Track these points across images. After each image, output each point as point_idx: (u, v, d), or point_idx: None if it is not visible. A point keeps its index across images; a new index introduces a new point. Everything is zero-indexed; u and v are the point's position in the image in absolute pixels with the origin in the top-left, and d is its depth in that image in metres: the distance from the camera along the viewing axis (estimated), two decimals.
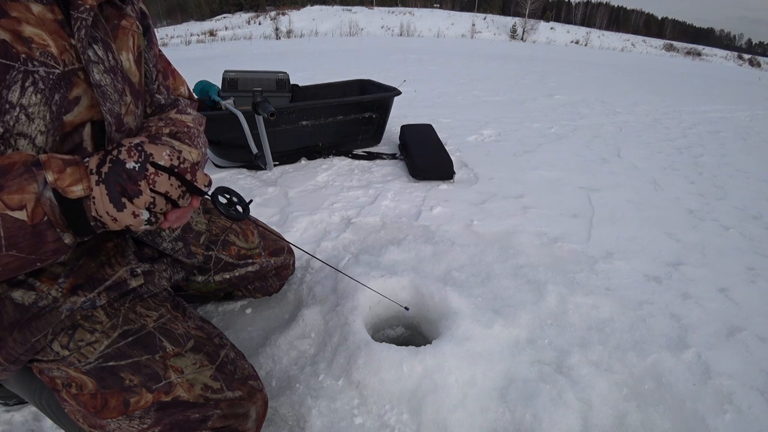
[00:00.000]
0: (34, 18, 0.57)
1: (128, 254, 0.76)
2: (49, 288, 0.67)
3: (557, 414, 0.92)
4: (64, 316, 0.67)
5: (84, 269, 0.70)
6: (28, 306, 0.65)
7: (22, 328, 0.65)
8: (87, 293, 0.69)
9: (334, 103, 2.35)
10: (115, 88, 0.67)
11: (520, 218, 1.83)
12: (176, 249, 0.86)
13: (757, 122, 4.54)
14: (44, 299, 0.66)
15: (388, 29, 31.47)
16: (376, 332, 1.22)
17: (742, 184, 2.54)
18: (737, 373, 1.08)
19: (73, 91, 0.62)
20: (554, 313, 1.24)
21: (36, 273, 0.67)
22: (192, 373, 0.71)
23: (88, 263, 0.71)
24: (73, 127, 0.63)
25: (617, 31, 55.96)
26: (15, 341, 0.65)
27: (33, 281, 0.66)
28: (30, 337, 0.66)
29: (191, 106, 0.94)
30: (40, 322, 0.66)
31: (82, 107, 0.63)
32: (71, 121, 0.62)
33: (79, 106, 0.63)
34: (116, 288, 0.72)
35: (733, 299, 1.39)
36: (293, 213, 1.78)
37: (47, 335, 0.67)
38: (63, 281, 0.68)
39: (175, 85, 0.91)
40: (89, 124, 0.65)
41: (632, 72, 9.66)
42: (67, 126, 0.62)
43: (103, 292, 0.71)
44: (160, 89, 0.86)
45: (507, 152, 2.78)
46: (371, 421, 0.91)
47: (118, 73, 0.68)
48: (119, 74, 0.69)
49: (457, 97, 4.75)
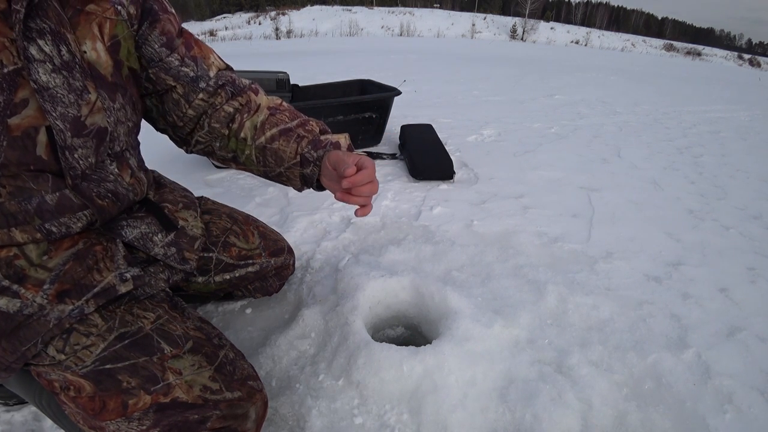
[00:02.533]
0: None
1: (117, 258, 0.74)
2: (33, 295, 0.65)
3: (557, 414, 0.92)
4: (52, 325, 0.66)
5: (70, 274, 0.68)
6: (14, 314, 0.64)
7: (9, 337, 0.64)
8: (75, 301, 0.68)
9: (334, 103, 2.35)
10: (69, 88, 0.61)
11: (520, 218, 1.83)
12: (168, 255, 0.83)
13: (757, 122, 4.54)
14: (29, 307, 0.65)
15: (388, 29, 31.48)
16: (376, 332, 1.22)
17: (742, 184, 2.54)
18: (737, 373, 1.08)
19: (18, 93, 0.56)
20: (554, 313, 1.24)
21: (20, 279, 0.65)
22: (191, 375, 0.70)
23: (75, 267, 0.69)
24: (23, 131, 0.58)
25: (617, 31, 55.98)
26: (4, 350, 0.64)
27: (17, 288, 0.65)
28: (19, 346, 0.65)
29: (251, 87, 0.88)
30: (28, 331, 0.64)
31: (31, 110, 0.58)
32: (18, 124, 0.57)
33: (27, 109, 0.57)
34: (104, 294, 0.70)
35: (733, 299, 1.39)
36: (293, 213, 1.78)
37: (37, 344, 0.66)
38: (48, 287, 0.66)
39: (203, 53, 0.83)
40: (43, 129, 0.60)
41: (632, 72, 9.65)
42: (15, 130, 0.57)
43: (91, 299, 0.69)
44: (185, 62, 0.79)
45: (507, 152, 2.78)
46: (371, 421, 0.91)
47: (74, 69, 0.61)
48: (77, 70, 0.62)
49: (457, 97, 4.75)
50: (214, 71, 0.83)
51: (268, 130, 0.84)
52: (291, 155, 0.83)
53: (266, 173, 0.89)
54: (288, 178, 0.87)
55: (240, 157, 0.87)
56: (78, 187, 0.67)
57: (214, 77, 0.83)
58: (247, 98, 0.86)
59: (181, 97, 0.81)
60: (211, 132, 0.85)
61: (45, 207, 0.65)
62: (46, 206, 0.65)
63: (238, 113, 0.85)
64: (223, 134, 0.85)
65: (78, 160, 0.65)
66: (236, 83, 0.86)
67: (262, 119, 0.85)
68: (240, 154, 0.87)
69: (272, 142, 0.84)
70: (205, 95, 0.82)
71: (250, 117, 0.85)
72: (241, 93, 0.86)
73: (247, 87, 0.88)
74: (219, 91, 0.84)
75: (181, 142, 0.90)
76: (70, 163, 0.64)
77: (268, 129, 0.84)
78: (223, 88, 0.84)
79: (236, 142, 0.85)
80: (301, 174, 0.85)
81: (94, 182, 0.70)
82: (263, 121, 0.85)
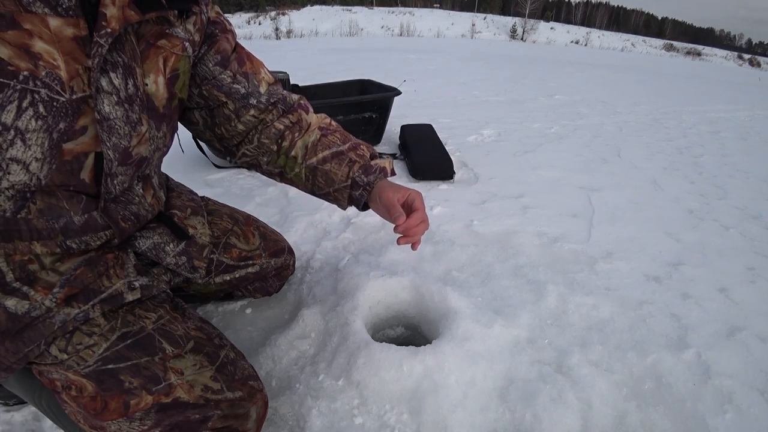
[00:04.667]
0: (48, 33, 0.51)
1: (128, 267, 0.75)
2: (43, 297, 0.65)
3: (557, 414, 0.92)
4: (56, 327, 0.66)
5: (80, 279, 0.69)
6: (21, 315, 0.64)
7: (14, 337, 0.64)
8: (81, 305, 0.68)
9: (334, 103, 2.35)
10: (127, 120, 0.62)
11: (520, 218, 1.83)
12: (179, 264, 0.84)
13: (757, 122, 4.54)
14: (37, 309, 0.65)
15: (388, 29, 31.48)
16: (376, 332, 1.22)
17: (742, 184, 2.54)
18: (737, 373, 1.08)
19: (80, 121, 0.57)
20: (554, 313, 1.24)
21: (31, 281, 0.66)
22: (192, 375, 0.71)
23: (86, 273, 0.70)
24: (74, 156, 0.59)
25: (617, 31, 55.98)
26: (7, 350, 0.65)
27: (27, 290, 0.65)
28: (23, 347, 0.65)
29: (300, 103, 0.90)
30: (33, 332, 0.65)
31: (87, 137, 0.59)
32: (71, 150, 0.58)
33: (84, 136, 0.58)
34: (111, 301, 0.71)
35: (733, 299, 1.39)
36: (293, 213, 1.78)
37: (40, 345, 0.66)
38: (58, 291, 0.67)
39: (254, 69, 0.84)
40: (92, 154, 0.61)
41: (632, 72, 9.65)
42: (66, 154, 0.58)
43: (97, 304, 0.69)
44: (237, 78, 0.80)
45: (507, 152, 2.78)
46: (371, 421, 0.91)
47: (135, 102, 0.63)
48: (137, 103, 0.63)
49: (457, 97, 4.75)
50: (264, 87, 0.85)
51: (320, 151, 0.86)
52: (342, 178, 0.86)
53: (313, 191, 0.92)
54: (336, 198, 0.90)
55: (288, 174, 0.90)
56: (107, 210, 0.69)
57: (266, 94, 0.84)
58: (298, 117, 0.88)
59: (232, 112, 0.82)
60: (260, 147, 0.87)
61: (71, 227, 0.66)
62: (73, 225, 0.66)
63: (289, 131, 0.86)
64: (272, 150, 0.87)
65: (116, 185, 0.67)
66: (287, 100, 0.88)
67: (313, 140, 0.87)
68: (288, 171, 0.89)
69: (324, 164, 0.86)
70: (256, 111, 0.84)
71: (301, 136, 0.87)
72: (291, 111, 0.87)
73: (296, 104, 0.89)
74: (270, 108, 0.85)
75: (226, 152, 0.91)
76: (108, 189, 0.66)
77: (321, 151, 0.86)
78: (275, 106, 0.86)
79: (285, 159, 0.87)
80: (350, 196, 0.88)
81: (121, 204, 0.72)
82: (315, 142, 0.87)
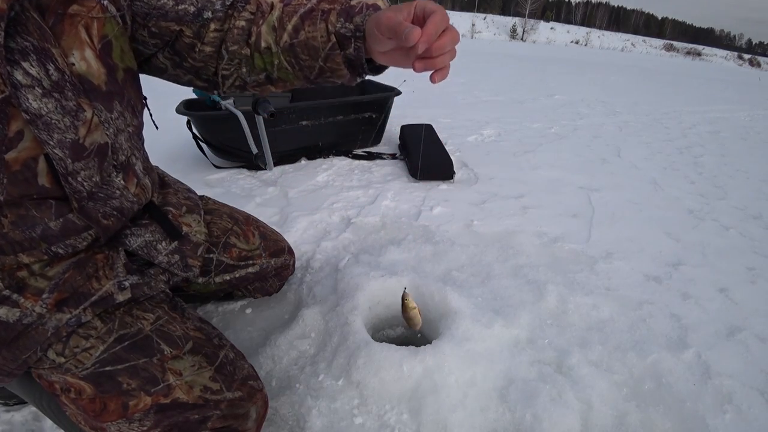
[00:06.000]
0: None
1: (117, 266, 0.73)
2: (33, 304, 0.65)
3: (557, 414, 0.92)
4: (50, 334, 0.65)
5: (70, 282, 0.68)
6: (14, 323, 0.63)
7: (9, 346, 0.64)
8: (72, 309, 0.67)
9: (335, 103, 2.35)
10: (63, 111, 0.55)
11: (520, 218, 1.83)
12: (172, 262, 0.82)
13: (757, 122, 4.54)
14: (29, 316, 0.64)
15: None
16: (376, 332, 1.22)
17: (742, 184, 2.54)
18: (737, 373, 1.08)
19: (11, 126, 0.51)
20: (554, 313, 1.24)
21: (20, 288, 0.65)
22: (191, 375, 0.71)
23: (75, 276, 0.69)
24: (22, 165, 0.54)
25: (617, 31, 55.99)
26: (5, 358, 0.65)
27: (17, 298, 0.64)
28: (19, 354, 0.65)
29: None
30: (27, 340, 0.64)
31: (27, 141, 0.53)
32: (16, 158, 0.53)
33: (23, 141, 0.53)
34: (102, 303, 0.70)
35: (733, 299, 1.39)
36: (293, 213, 1.78)
37: (37, 351, 0.66)
38: (47, 296, 0.66)
39: None
40: (42, 157, 0.56)
41: (632, 72, 9.65)
42: (13, 165, 0.53)
43: (89, 308, 0.69)
44: None
45: (507, 152, 2.78)
46: (371, 421, 0.91)
47: (65, 88, 0.55)
48: (67, 88, 0.55)
49: (457, 97, 4.75)
50: None
51: (287, 22, 0.70)
52: (323, 39, 0.67)
53: (307, 77, 0.74)
54: (332, 71, 0.71)
55: (273, 73, 0.74)
56: (84, 209, 0.65)
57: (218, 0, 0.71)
58: (257, 3, 0.73)
59: (192, 38, 0.71)
60: (233, 58, 0.73)
61: (49, 233, 0.64)
62: (51, 232, 0.64)
63: (253, 24, 0.72)
64: (245, 55, 0.73)
65: (82, 182, 0.63)
66: None
67: (277, 15, 0.71)
68: (271, 69, 0.74)
69: (297, 35, 0.69)
70: (218, 24, 0.71)
71: (265, 21, 0.71)
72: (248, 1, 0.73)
73: None
74: (230, 11, 0.72)
75: (211, 85, 0.79)
76: (74, 188, 0.62)
77: (288, 21, 0.70)
78: (233, 7, 0.72)
79: (261, 57, 0.72)
80: (345, 58, 0.68)
81: (100, 201, 0.67)
82: (279, 17, 0.71)
